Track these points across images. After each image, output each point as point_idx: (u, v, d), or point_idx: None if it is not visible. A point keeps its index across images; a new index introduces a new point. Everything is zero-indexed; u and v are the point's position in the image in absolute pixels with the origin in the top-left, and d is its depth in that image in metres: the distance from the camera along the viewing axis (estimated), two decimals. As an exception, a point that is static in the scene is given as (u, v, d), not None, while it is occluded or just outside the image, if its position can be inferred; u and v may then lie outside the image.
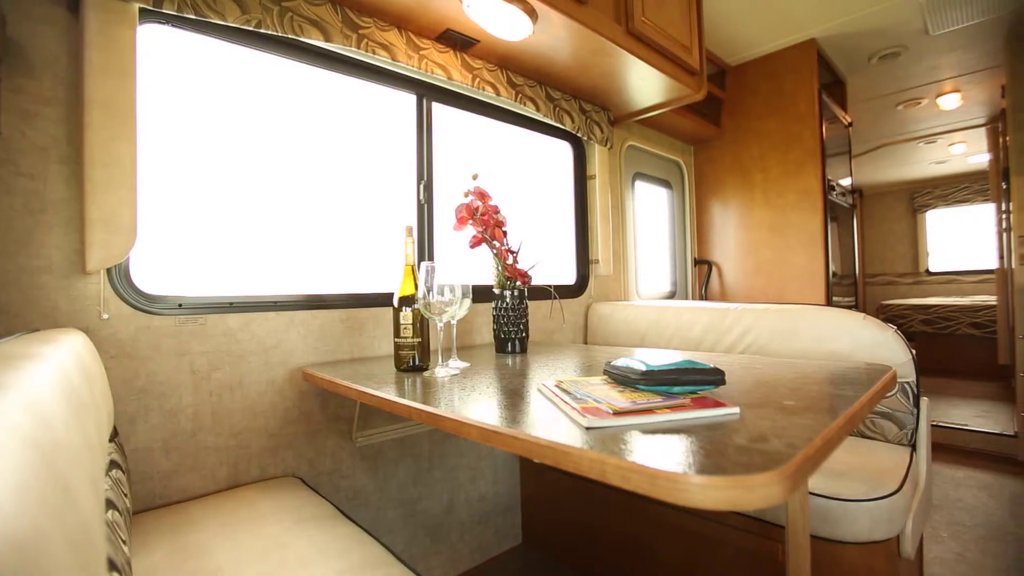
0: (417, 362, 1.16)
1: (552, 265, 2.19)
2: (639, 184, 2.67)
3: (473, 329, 1.73)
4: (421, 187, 1.67)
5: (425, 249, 1.67)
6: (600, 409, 0.64)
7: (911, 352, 1.35)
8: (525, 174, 2.10)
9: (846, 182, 3.02)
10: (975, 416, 3.18)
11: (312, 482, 1.33)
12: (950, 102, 3.44)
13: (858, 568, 1.08)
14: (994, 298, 4.68)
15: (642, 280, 2.64)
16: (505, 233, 1.41)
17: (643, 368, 0.71)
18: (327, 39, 1.29)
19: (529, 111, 1.85)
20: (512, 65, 1.74)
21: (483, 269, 1.55)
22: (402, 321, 1.16)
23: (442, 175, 1.73)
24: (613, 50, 1.63)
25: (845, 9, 2.33)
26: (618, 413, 0.62)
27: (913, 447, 1.36)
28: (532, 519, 1.81)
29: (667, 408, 0.64)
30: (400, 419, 1.47)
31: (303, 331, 1.33)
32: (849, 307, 2.95)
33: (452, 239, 1.69)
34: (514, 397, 0.84)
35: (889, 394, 1.37)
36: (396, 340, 1.18)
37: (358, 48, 1.36)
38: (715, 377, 0.71)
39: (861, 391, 0.81)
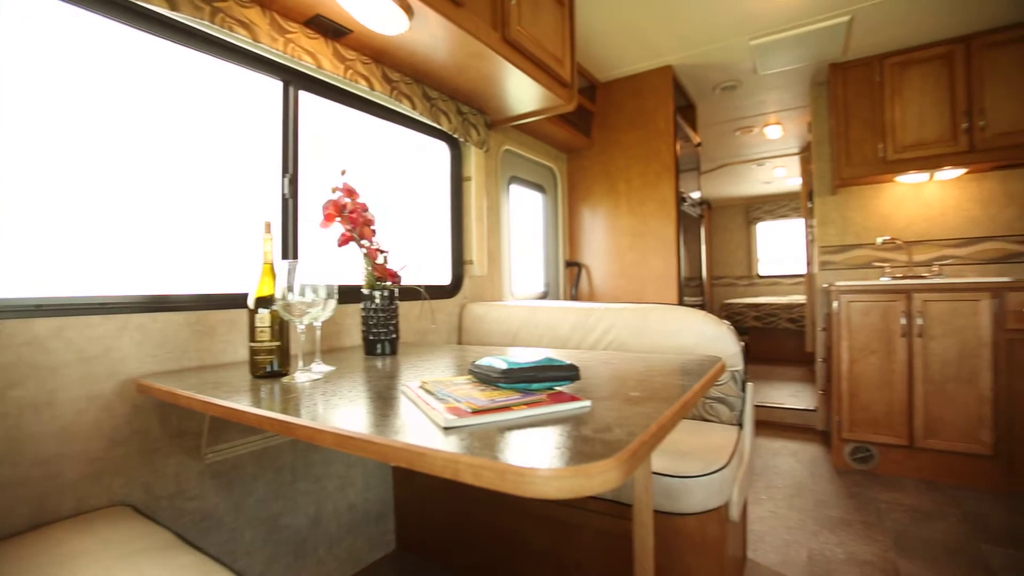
0: (275, 368, 1.08)
1: (427, 265, 2.17)
2: (514, 187, 2.76)
3: (342, 331, 1.65)
4: (286, 181, 1.56)
5: (289, 247, 1.56)
6: (460, 408, 0.65)
7: (740, 344, 1.57)
8: (402, 173, 2.06)
9: (696, 195, 3.42)
10: (789, 396, 3.80)
11: (148, 509, 1.16)
12: (774, 132, 4.06)
13: (695, 535, 1.23)
14: (804, 297, 5.64)
15: (516, 281, 2.74)
16: (374, 232, 1.36)
17: (504, 366, 0.73)
18: (172, 7, 1.14)
19: (405, 108, 1.82)
20: (388, 60, 1.69)
21: (356, 268, 1.49)
22: (258, 324, 1.07)
23: (311, 169, 1.63)
24: (490, 55, 1.66)
25: (692, 43, 2.64)
26: (476, 411, 0.63)
27: (740, 426, 1.57)
28: (406, 524, 1.78)
29: (524, 404, 0.67)
30: (259, 430, 1.36)
31: (139, 336, 1.16)
32: (698, 306, 3.35)
33: (320, 237, 1.60)
34: (378, 400, 0.82)
35: (722, 382, 1.58)
36: (251, 344, 1.08)
37: (212, 22, 1.22)
38: (570, 373, 0.76)
39: (695, 381, 0.92)
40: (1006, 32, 2.44)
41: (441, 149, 2.24)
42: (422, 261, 2.14)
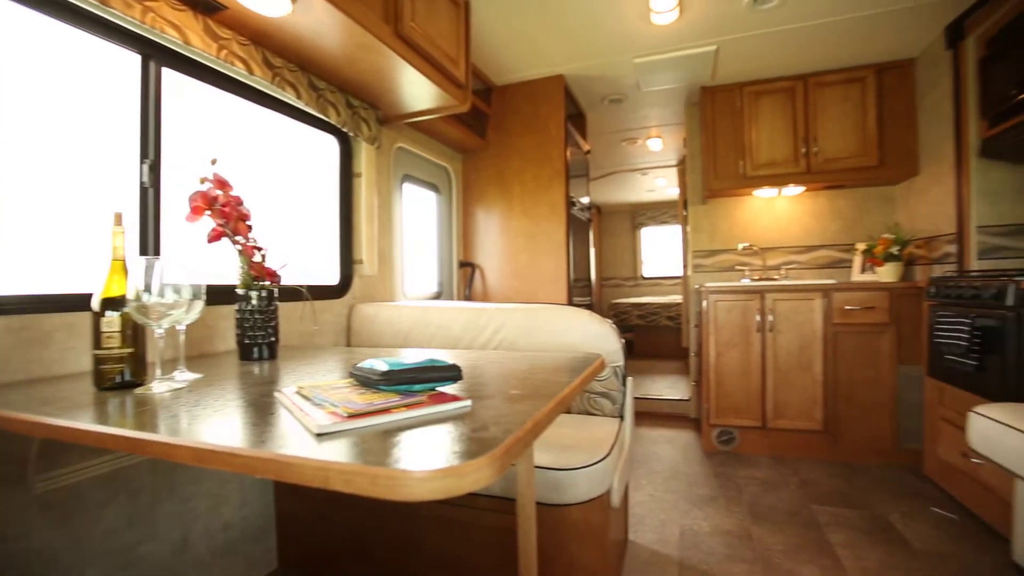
0: (127, 378, 0.96)
1: (316, 264, 2.06)
2: (408, 186, 2.71)
3: (215, 334, 1.51)
4: (146, 168, 1.39)
5: (151, 242, 1.39)
6: (336, 413, 0.63)
7: (622, 342, 1.69)
8: (286, 167, 1.93)
9: (585, 200, 3.61)
10: (667, 388, 4.16)
11: (-47, 552, 0.97)
12: (656, 145, 4.42)
13: (579, 523, 1.30)
14: (680, 297, 6.20)
15: (409, 281, 2.69)
16: (250, 227, 1.27)
17: (384, 368, 0.72)
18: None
19: (289, 98, 1.70)
20: (269, 43, 1.58)
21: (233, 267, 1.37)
22: (105, 328, 0.94)
23: (182, 157, 1.47)
24: (381, 48, 1.62)
25: (581, 56, 2.79)
26: (352, 416, 0.61)
27: (622, 418, 1.69)
28: (290, 539, 1.67)
29: (404, 406, 0.66)
30: (105, 450, 1.19)
31: (-61, 347, 0.97)
32: (587, 306, 3.53)
33: (191, 232, 1.45)
34: (250, 409, 0.76)
35: (604, 377, 1.69)
36: (97, 352, 0.95)
37: (45, -22, 1.06)
38: (452, 373, 0.77)
39: (574, 377, 0.97)
40: (832, 75, 2.89)
41: (330, 143, 2.13)
42: (308, 260, 2.02)
